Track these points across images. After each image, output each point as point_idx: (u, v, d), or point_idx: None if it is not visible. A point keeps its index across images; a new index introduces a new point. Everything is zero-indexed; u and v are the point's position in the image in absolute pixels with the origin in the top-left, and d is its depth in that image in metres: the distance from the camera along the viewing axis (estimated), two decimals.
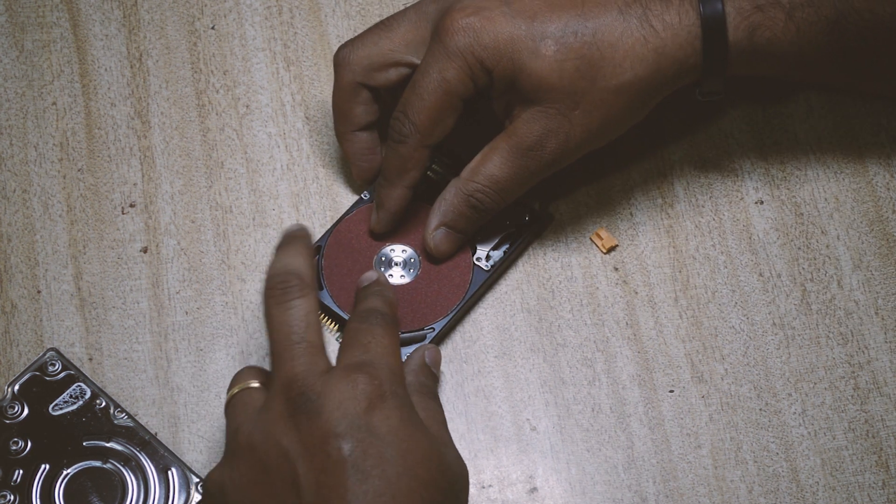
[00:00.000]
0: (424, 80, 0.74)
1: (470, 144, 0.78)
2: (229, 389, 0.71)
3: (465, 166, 0.77)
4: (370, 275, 0.75)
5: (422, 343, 0.77)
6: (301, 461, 0.64)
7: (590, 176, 0.83)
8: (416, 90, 0.75)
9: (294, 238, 0.73)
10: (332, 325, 0.79)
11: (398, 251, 0.80)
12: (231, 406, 0.70)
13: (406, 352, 0.76)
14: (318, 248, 0.79)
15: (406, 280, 0.79)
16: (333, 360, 0.69)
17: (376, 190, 0.79)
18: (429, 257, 0.79)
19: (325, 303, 0.78)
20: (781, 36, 0.73)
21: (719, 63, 0.74)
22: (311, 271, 0.71)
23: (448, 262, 0.79)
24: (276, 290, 0.70)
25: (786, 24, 0.73)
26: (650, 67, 0.73)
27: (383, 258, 0.79)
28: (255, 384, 0.70)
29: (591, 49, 0.73)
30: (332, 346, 0.78)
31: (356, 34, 0.79)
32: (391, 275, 0.79)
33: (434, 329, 0.78)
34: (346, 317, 0.77)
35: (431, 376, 0.74)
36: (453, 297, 0.78)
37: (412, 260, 0.79)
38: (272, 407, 0.67)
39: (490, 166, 0.75)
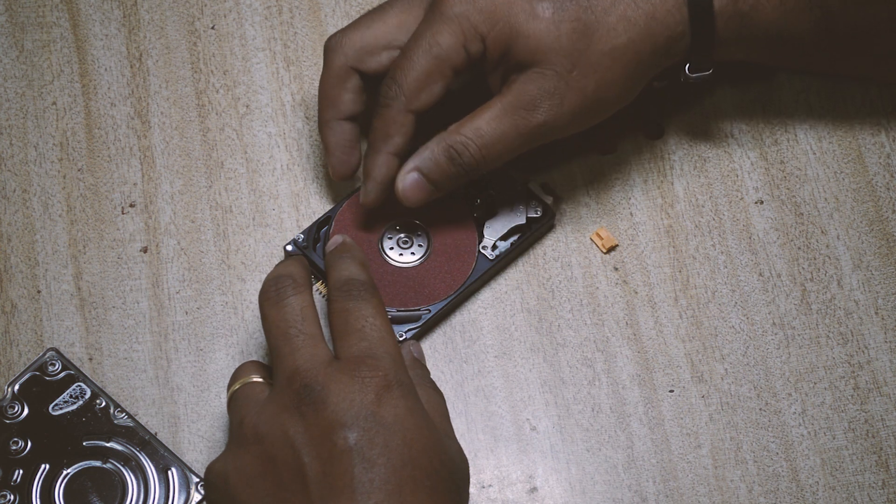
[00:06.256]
0: (415, 43, 0.74)
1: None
2: (230, 385, 0.71)
3: None
4: (336, 238, 0.75)
5: (411, 326, 0.77)
6: (307, 450, 0.65)
7: (590, 176, 0.83)
8: (405, 53, 0.74)
9: (288, 256, 0.75)
10: None
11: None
12: (235, 399, 0.70)
13: (396, 330, 0.76)
14: (328, 218, 0.79)
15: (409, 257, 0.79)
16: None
17: (363, 162, 0.77)
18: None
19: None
20: (765, 2, 0.74)
21: (707, 30, 0.74)
22: (306, 275, 0.72)
23: (453, 247, 0.79)
24: (269, 293, 0.71)
25: None
26: (643, 32, 0.73)
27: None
28: (257, 378, 0.71)
29: (587, 12, 0.73)
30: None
31: None
32: (392, 248, 0.79)
33: (430, 311, 0.77)
34: None
35: (424, 369, 0.75)
36: (454, 281, 0.78)
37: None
38: (277, 398, 0.67)
39: (478, 121, 0.74)
